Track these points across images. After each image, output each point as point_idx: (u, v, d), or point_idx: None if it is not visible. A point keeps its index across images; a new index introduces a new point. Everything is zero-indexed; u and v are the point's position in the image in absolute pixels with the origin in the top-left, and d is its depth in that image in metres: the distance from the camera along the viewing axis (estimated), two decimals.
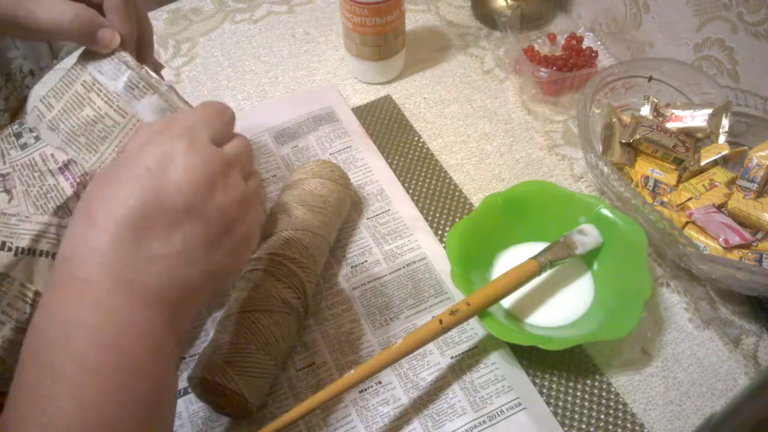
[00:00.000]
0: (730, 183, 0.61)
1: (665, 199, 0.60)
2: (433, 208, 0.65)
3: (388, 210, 0.64)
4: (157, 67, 0.53)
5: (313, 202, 0.58)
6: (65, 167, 0.44)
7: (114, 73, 0.44)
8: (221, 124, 0.40)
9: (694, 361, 0.55)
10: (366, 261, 0.61)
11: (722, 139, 0.64)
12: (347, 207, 0.62)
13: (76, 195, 0.43)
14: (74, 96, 0.44)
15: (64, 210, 0.43)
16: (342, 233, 0.63)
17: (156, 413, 0.35)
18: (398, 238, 0.62)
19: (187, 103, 0.45)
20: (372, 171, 0.68)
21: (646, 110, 0.67)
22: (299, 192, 0.59)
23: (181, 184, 0.35)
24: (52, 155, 0.44)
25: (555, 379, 0.54)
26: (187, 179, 0.36)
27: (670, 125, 0.65)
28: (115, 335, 0.34)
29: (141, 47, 0.49)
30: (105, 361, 0.33)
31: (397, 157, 0.70)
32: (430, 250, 0.61)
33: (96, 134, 0.44)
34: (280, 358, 0.52)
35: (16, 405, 0.33)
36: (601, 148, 0.65)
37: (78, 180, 0.43)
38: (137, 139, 0.38)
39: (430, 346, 0.55)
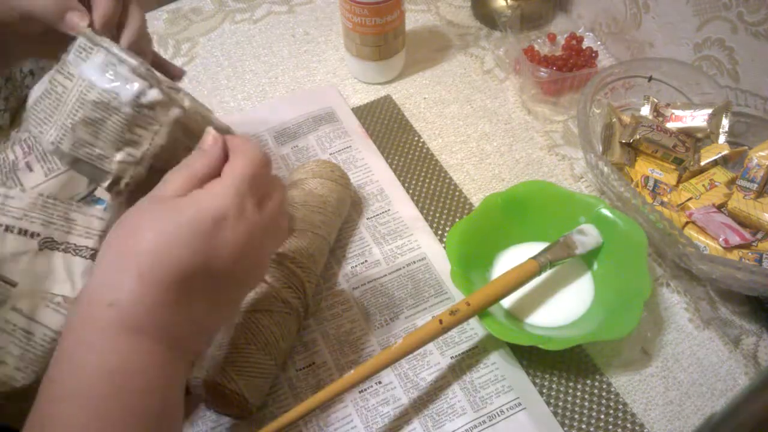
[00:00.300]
0: (730, 183, 0.61)
1: (665, 199, 0.60)
2: (433, 208, 0.65)
3: (388, 210, 0.64)
4: (169, 68, 0.52)
5: (313, 202, 0.58)
6: (22, 141, 0.43)
7: (72, 46, 0.43)
8: (266, 180, 0.41)
9: (694, 361, 0.55)
10: (366, 261, 0.61)
11: (722, 139, 0.64)
12: (347, 207, 0.62)
13: (28, 166, 0.42)
14: (47, 81, 0.44)
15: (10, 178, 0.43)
16: (342, 233, 0.63)
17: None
18: (398, 238, 0.62)
19: (133, 55, 0.42)
20: (372, 171, 0.68)
21: (646, 110, 0.67)
22: (299, 192, 0.59)
23: (226, 252, 0.37)
24: (20, 140, 0.43)
25: (555, 379, 0.54)
26: (232, 248, 0.37)
27: (670, 125, 0.65)
28: (161, 383, 0.37)
29: (130, 37, 0.49)
30: (152, 407, 0.36)
31: (397, 157, 0.70)
32: (430, 250, 0.61)
33: (49, 105, 0.42)
34: (280, 358, 0.52)
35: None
36: (601, 148, 0.65)
37: (27, 149, 0.42)
38: (178, 181, 0.38)
39: (430, 346, 0.55)
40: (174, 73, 0.56)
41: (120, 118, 0.41)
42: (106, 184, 0.42)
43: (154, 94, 0.40)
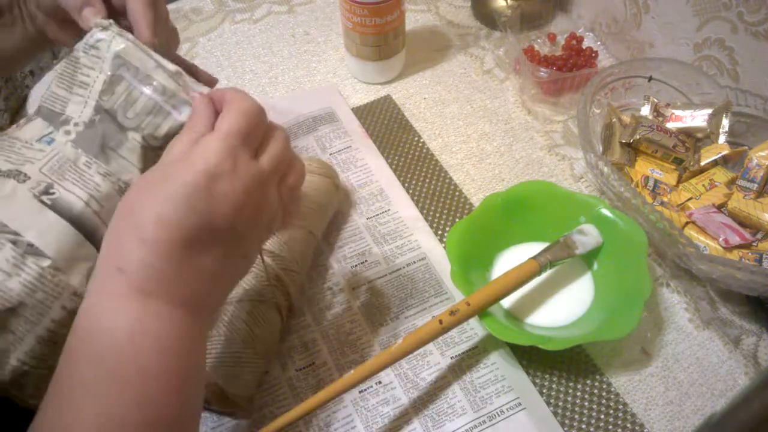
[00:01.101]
0: (730, 183, 0.61)
1: (665, 199, 0.60)
2: (433, 208, 0.65)
3: (388, 210, 0.65)
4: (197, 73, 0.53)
5: None
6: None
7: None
8: (259, 131, 0.41)
9: (694, 361, 0.55)
10: (366, 261, 0.61)
11: (722, 139, 0.64)
12: (333, 195, 0.61)
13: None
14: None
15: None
16: (342, 233, 0.63)
17: (197, 394, 0.40)
18: (398, 238, 0.62)
19: (124, 32, 0.44)
20: (372, 171, 0.68)
21: (646, 110, 0.67)
22: None
23: (225, 206, 0.38)
24: None
25: (555, 379, 0.54)
26: (231, 204, 0.38)
27: (670, 125, 0.65)
28: (176, 342, 0.37)
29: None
30: (169, 367, 0.36)
31: (397, 157, 0.70)
32: (430, 251, 0.61)
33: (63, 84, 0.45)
34: (261, 347, 0.51)
35: (69, 402, 0.35)
36: (601, 148, 0.65)
37: None
38: (178, 146, 0.39)
39: (430, 346, 0.55)
40: (205, 79, 0.57)
41: (73, 61, 0.43)
42: (58, 123, 0.43)
43: (98, 35, 0.43)
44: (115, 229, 0.38)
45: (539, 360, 0.54)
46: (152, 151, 0.43)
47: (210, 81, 0.55)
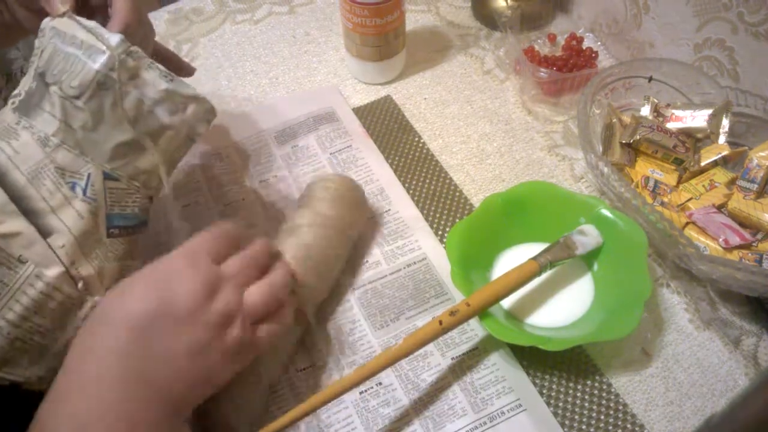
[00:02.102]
0: (731, 183, 0.61)
1: (665, 200, 0.60)
2: (433, 208, 0.65)
3: (389, 210, 0.65)
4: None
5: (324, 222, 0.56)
6: None
7: None
8: (222, 247, 0.45)
9: (694, 361, 0.55)
10: (366, 261, 0.61)
11: (722, 139, 0.64)
12: (359, 225, 0.61)
13: None
14: None
15: None
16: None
17: None
18: (399, 238, 0.62)
19: (73, 15, 0.47)
20: (372, 171, 0.68)
21: (646, 110, 0.67)
22: (309, 212, 0.57)
23: (184, 294, 0.42)
24: None
25: (555, 379, 0.54)
26: (187, 290, 0.42)
27: (671, 125, 0.65)
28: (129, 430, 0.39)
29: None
30: None
31: (397, 158, 0.70)
32: (430, 251, 0.61)
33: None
34: (265, 376, 0.50)
35: None
36: (601, 149, 0.65)
37: None
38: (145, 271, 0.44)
39: (431, 347, 0.55)
40: (183, 69, 0.61)
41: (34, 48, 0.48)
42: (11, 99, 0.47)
43: (47, 20, 0.47)
44: (88, 324, 0.42)
45: (539, 360, 0.54)
46: (69, 102, 0.45)
47: (188, 70, 0.60)
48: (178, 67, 0.62)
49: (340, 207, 0.57)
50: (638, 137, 0.63)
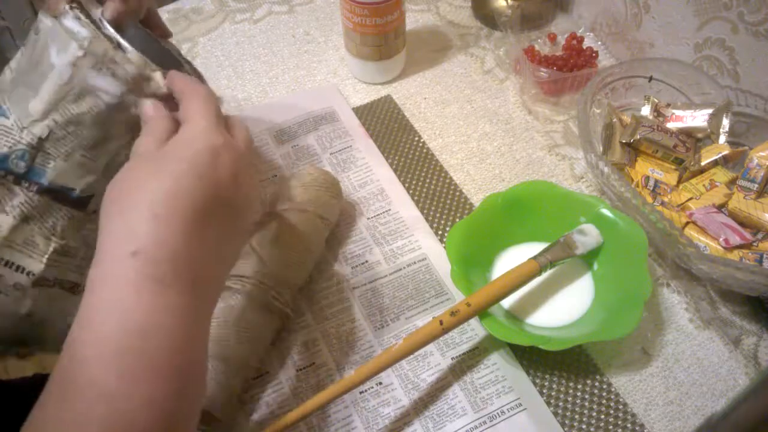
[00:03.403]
0: (731, 183, 0.61)
1: (665, 200, 0.60)
2: (433, 208, 0.65)
3: (389, 210, 0.65)
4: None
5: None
6: None
7: None
8: (221, 115, 0.43)
9: (694, 361, 0.55)
10: (366, 261, 0.61)
11: (723, 139, 0.64)
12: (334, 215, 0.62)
13: None
14: None
15: None
16: (342, 233, 0.63)
17: (200, 393, 0.39)
18: (399, 238, 0.62)
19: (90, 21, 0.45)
20: (372, 171, 0.68)
21: (646, 110, 0.67)
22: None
23: (227, 177, 0.39)
24: None
25: (555, 379, 0.54)
26: (231, 174, 0.39)
27: (671, 125, 0.65)
28: (186, 340, 0.37)
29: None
30: (179, 365, 0.36)
31: (397, 157, 0.70)
32: (430, 251, 0.61)
33: None
34: (234, 361, 0.50)
35: (73, 400, 0.33)
36: (601, 148, 0.65)
37: None
38: (145, 145, 0.41)
39: (431, 346, 0.55)
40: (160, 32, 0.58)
41: None
42: None
43: (40, 15, 0.47)
44: (114, 216, 0.37)
45: (540, 360, 0.54)
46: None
47: (165, 33, 0.57)
48: (154, 30, 0.58)
49: (311, 192, 0.59)
50: (638, 137, 0.63)
